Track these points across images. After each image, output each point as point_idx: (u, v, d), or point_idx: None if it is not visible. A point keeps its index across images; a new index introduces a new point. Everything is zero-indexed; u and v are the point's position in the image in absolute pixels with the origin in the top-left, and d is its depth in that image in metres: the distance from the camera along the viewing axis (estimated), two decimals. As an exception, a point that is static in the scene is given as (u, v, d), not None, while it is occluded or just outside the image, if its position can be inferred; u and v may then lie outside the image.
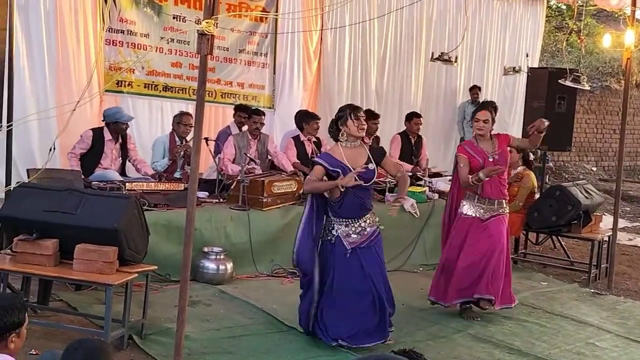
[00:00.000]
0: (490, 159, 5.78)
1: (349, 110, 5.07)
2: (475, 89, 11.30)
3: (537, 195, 8.14)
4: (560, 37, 16.37)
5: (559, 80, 7.99)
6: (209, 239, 6.42)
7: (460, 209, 5.96)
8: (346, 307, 4.98)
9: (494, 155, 5.80)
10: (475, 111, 6.05)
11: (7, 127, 5.31)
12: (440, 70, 11.07)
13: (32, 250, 4.64)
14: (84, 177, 6.51)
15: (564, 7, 17.50)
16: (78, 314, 5.20)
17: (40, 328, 4.74)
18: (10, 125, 5.30)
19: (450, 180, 7.01)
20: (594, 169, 15.60)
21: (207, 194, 6.95)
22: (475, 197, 5.86)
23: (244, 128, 8.04)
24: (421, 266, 7.49)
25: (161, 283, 5.98)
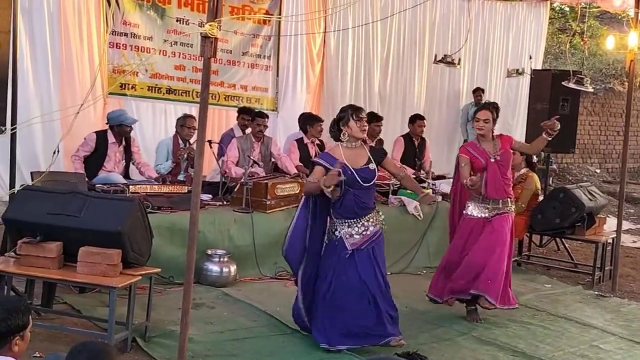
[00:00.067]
0: (492, 160, 5.79)
1: (351, 111, 5.06)
2: (478, 91, 11.27)
3: (541, 198, 8.13)
4: (564, 39, 16.33)
5: (562, 82, 7.96)
6: (213, 242, 6.42)
7: (465, 209, 5.95)
8: (341, 309, 4.97)
9: (496, 156, 5.80)
10: (475, 111, 6.07)
11: (11, 130, 5.33)
12: (443, 72, 11.06)
13: (36, 253, 4.64)
14: (87, 180, 6.53)
15: (567, 9, 17.49)
16: (82, 317, 5.20)
17: (44, 331, 4.74)
18: (14, 128, 5.32)
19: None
20: (598, 171, 15.57)
21: (211, 196, 6.95)
22: (479, 198, 5.85)
23: (248, 130, 8.04)
24: (425, 268, 7.47)
25: (165, 285, 5.99)
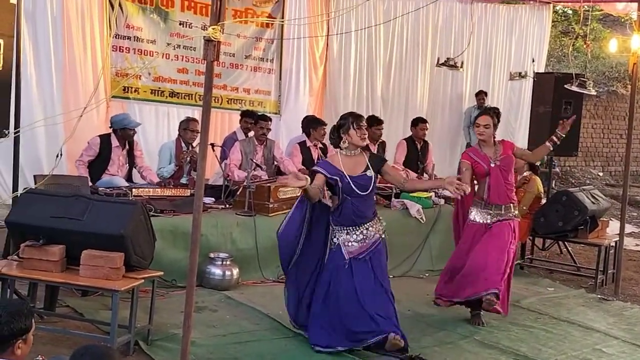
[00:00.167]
0: (493, 165, 5.80)
1: (352, 119, 5.05)
2: (481, 95, 11.27)
3: (544, 201, 8.13)
4: (567, 42, 16.32)
5: (565, 85, 7.96)
6: (215, 245, 6.42)
7: (469, 215, 5.98)
8: (337, 314, 4.98)
9: (497, 161, 5.82)
10: (476, 117, 6.10)
11: (15, 134, 5.33)
12: (446, 75, 11.05)
13: (39, 256, 4.64)
14: (90, 184, 6.53)
15: (570, 12, 17.47)
16: (84, 320, 5.20)
17: (46, 334, 4.74)
18: (18, 132, 5.32)
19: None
20: (601, 174, 15.56)
21: (214, 199, 6.95)
22: (482, 204, 5.87)
23: (250, 134, 8.05)
24: (427, 272, 7.46)
25: (167, 289, 5.98)
